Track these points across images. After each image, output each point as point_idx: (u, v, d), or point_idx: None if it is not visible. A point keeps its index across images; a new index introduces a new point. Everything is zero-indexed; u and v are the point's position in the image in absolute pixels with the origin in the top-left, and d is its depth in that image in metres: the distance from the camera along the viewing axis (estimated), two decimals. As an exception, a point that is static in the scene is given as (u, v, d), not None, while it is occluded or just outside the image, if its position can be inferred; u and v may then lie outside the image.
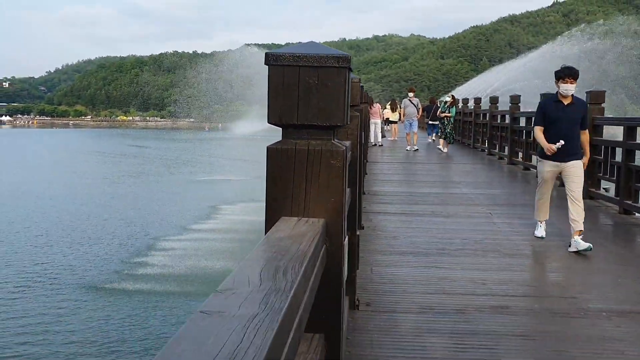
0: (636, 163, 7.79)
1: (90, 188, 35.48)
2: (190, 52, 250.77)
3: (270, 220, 1.72)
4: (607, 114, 9.92)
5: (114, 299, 13.86)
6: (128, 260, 17.73)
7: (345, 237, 1.84)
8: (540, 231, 6.51)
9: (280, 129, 1.77)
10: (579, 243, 5.72)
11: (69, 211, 28.71)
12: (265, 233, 1.65)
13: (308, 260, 1.35)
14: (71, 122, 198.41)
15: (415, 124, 19.09)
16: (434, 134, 21.78)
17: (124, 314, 12.33)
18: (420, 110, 20.60)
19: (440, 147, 18.17)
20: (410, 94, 19.94)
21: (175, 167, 49.31)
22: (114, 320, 12.01)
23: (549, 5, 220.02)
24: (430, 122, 21.70)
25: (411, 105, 19.38)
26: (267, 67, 1.71)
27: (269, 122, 1.75)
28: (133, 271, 16.49)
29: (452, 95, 19.18)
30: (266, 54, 1.70)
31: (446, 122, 17.44)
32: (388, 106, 27.13)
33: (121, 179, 39.41)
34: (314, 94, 1.70)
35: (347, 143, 2.27)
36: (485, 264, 5.48)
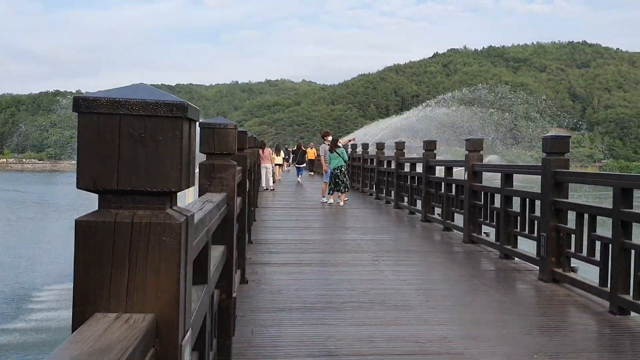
0: (513, 209, 8.01)
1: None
2: (74, 91, 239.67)
3: (79, 318, 1.28)
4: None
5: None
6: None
7: (185, 334, 1.42)
8: None
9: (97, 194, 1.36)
10: None
11: None
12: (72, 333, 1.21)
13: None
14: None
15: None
16: (300, 176, 26.64)
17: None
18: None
19: (339, 200, 15.52)
20: (329, 138, 16.81)
21: (57, 212, 46.23)
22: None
23: (430, 56, 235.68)
24: (297, 166, 27.75)
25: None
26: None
27: (78, 187, 1.32)
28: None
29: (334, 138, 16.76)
30: (75, 98, 1.27)
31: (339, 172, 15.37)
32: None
33: (-11, 227, 36.20)
34: (141, 151, 1.30)
35: (196, 210, 1.89)
36: (372, 318, 5.24)
